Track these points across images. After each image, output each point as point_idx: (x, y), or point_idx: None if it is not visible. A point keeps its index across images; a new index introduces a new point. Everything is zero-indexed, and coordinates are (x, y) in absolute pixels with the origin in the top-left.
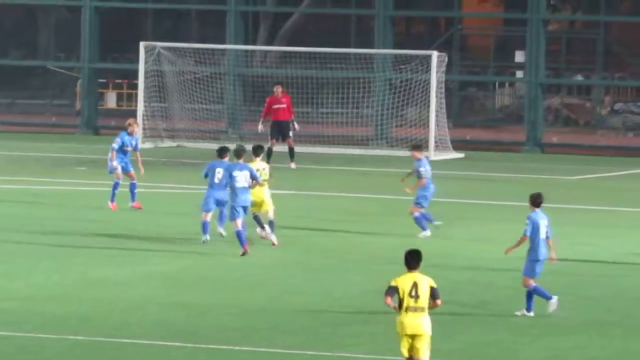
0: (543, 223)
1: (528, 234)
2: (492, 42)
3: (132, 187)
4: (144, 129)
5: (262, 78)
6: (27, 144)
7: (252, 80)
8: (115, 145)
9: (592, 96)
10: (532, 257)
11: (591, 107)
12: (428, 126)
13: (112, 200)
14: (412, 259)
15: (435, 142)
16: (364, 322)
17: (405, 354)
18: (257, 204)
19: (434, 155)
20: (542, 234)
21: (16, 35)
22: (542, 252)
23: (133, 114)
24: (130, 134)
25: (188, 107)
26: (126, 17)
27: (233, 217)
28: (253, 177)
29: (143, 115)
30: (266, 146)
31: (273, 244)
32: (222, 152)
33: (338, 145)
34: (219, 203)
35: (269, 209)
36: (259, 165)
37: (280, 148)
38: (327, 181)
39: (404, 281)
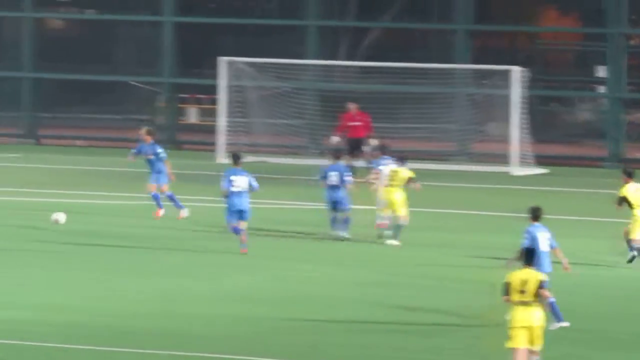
0: (544, 236)
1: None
2: (572, 57)
3: (156, 197)
4: (225, 144)
5: (342, 93)
6: (107, 159)
7: (332, 95)
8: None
9: None
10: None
11: None
12: (509, 141)
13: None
14: (527, 256)
15: (518, 157)
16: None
17: (519, 344)
18: (391, 206)
19: (517, 170)
20: (544, 247)
21: (97, 51)
22: (545, 264)
23: (214, 129)
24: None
25: (269, 122)
26: (206, 32)
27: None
28: (252, 184)
29: (225, 131)
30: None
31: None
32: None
33: (418, 161)
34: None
35: (401, 213)
36: (389, 166)
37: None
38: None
39: (515, 277)
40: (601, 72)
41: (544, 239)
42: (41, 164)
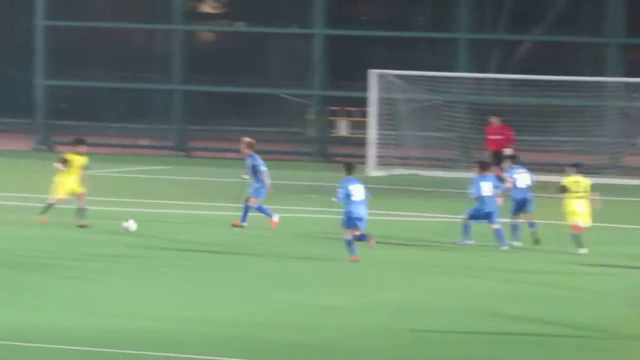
0: None
1: None
2: None
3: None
4: (376, 157)
5: (493, 106)
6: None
7: (483, 108)
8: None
9: None
10: None
11: None
12: None
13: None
14: None
15: None
16: None
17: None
18: (573, 216)
19: None
20: None
21: (248, 63)
22: None
23: (364, 142)
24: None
25: (420, 135)
26: (357, 45)
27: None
28: (366, 193)
29: (375, 143)
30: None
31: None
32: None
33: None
34: None
35: (585, 223)
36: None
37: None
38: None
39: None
40: None
41: None
42: (189, 177)
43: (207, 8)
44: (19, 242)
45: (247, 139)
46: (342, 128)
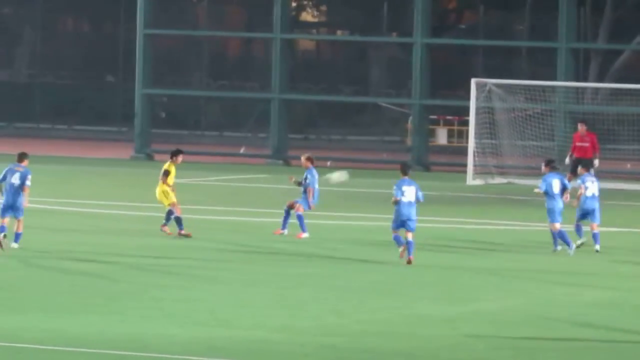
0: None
1: None
2: None
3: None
4: (474, 165)
5: (593, 115)
6: (359, 181)
7: (582, 117)
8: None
9: None
10: None
11: None
12: None
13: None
14: None
15: None
16: None
17: None
18: None
19: None
20: None
21: (347, 72)
22: None
23: (464, 151)
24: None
25: (518, 143)
26: (456, 54)
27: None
28: (418, 195)
29: (474, 152)
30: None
31: None
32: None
33: None
34: None
35: None
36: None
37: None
38: None
39: None
40: None
41: None
42: (287, 185)
43: (307, 17)
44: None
45: (307, 154)
46: (441, 137)
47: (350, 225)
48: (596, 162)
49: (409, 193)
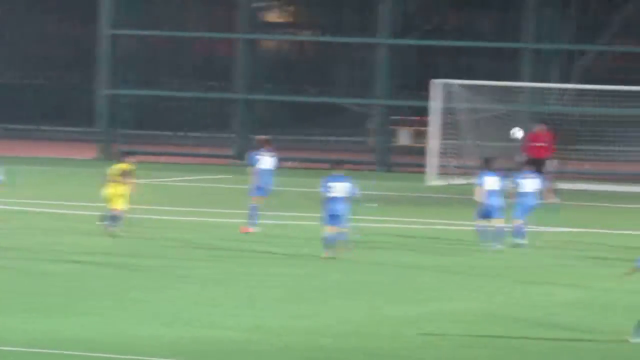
0: None
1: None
2: None
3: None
4: (435, 166)
5: (556, 116)
6: (314, 181)
7: (548, 118)
8: None
9: None
10: None
11: None
12: None
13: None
14: None
15: None
16: None
17: None
18: None
19: None
20: None
21: (311, 72)
22: None
23: (425, 152)
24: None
25: (481, 144)
26: (421, 55)
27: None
28: (351, 190)
29: (436, 153)
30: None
31: None
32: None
33: (631, 184)
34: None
35: None
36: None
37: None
38: (620, 219)
39: None
40: None
41: None
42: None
43: (271, 17)
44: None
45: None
46: (404, 137)
47: (312, 225)
48: (553, 162)
49: (339, 189)
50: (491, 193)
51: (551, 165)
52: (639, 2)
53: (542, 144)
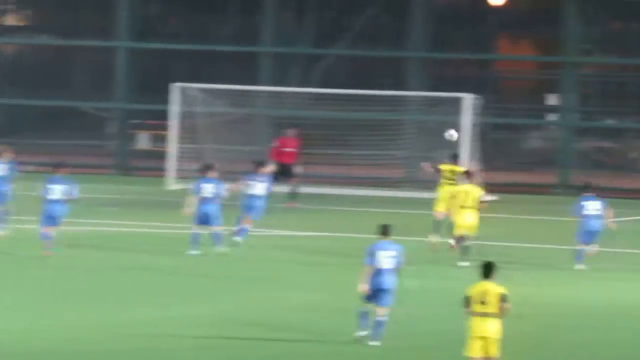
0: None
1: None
2: (526, 85)
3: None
4: (175, 170)
5: (294, 120)
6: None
7: (286, 122)
8: None
9: (625, 140)
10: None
11: (623, 151)
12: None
13: None
14: (484, 270)
15: None
16: None
17: (475, 354)
18: (461, 228)
19: None
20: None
21: (50, 76)
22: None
23: (165, 155)
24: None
25: (220, 148)
26: (160, 58)
27: None
28: (69, 192)
29: (175, 157)
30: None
31: None
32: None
33: (368, 187)
34: None
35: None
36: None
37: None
38: (358, 222)
39: (475, 289)
40: (553, 100)
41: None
42: None
43: (10, 20)
44: None
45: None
46: (143, 141)
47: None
48: (300, 167)
49: (55, 191)
50: (205, 200)
51: (298, 169)
52: (379, 7)
53: (290, 150)
